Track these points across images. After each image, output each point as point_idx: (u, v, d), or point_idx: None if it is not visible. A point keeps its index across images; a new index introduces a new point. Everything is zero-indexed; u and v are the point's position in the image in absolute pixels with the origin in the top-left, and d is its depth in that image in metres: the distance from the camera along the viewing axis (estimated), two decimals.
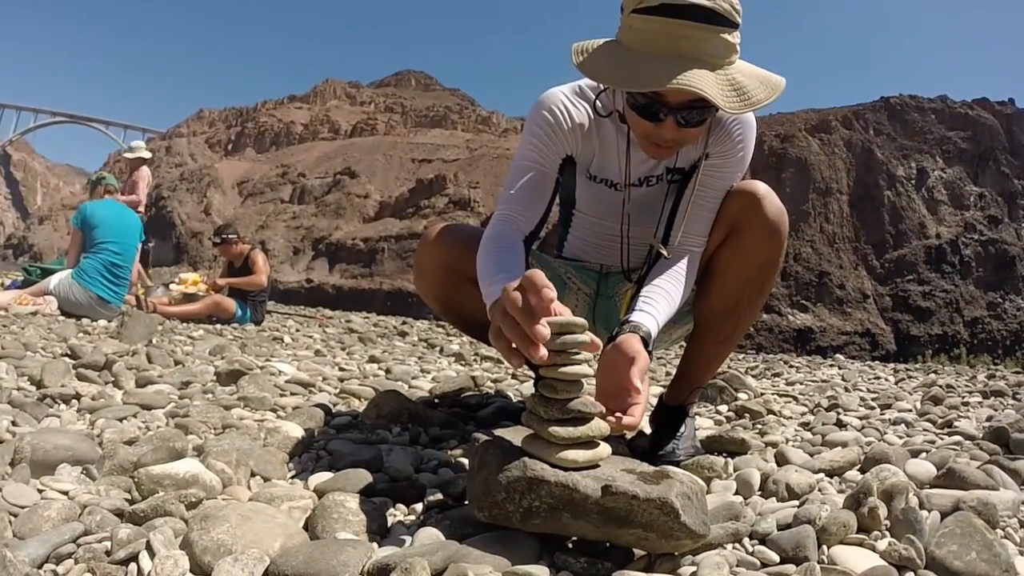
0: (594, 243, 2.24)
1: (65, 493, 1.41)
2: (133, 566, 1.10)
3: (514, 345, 1.27)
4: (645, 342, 1.60)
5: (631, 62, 1.61)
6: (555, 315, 1.25)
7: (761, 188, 1.91)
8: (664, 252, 1.91)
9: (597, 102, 1.96)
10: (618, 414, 1.38)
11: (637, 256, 2.10)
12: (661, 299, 1.79)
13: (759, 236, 1.90)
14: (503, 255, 1.77)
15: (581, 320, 1.26)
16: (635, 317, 1.71)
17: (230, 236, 7.68)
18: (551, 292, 1.24)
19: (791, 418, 2.88)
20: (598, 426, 1.27)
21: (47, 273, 6.25)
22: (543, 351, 1.21)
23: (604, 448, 1.27)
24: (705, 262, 1.99)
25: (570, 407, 1.24)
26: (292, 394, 2.74)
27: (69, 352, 3.23)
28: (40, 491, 1.42)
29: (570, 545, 1.26)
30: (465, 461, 1.83)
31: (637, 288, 1.93)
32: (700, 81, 1.52)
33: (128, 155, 9.70)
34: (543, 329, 1.21)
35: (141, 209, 7.85)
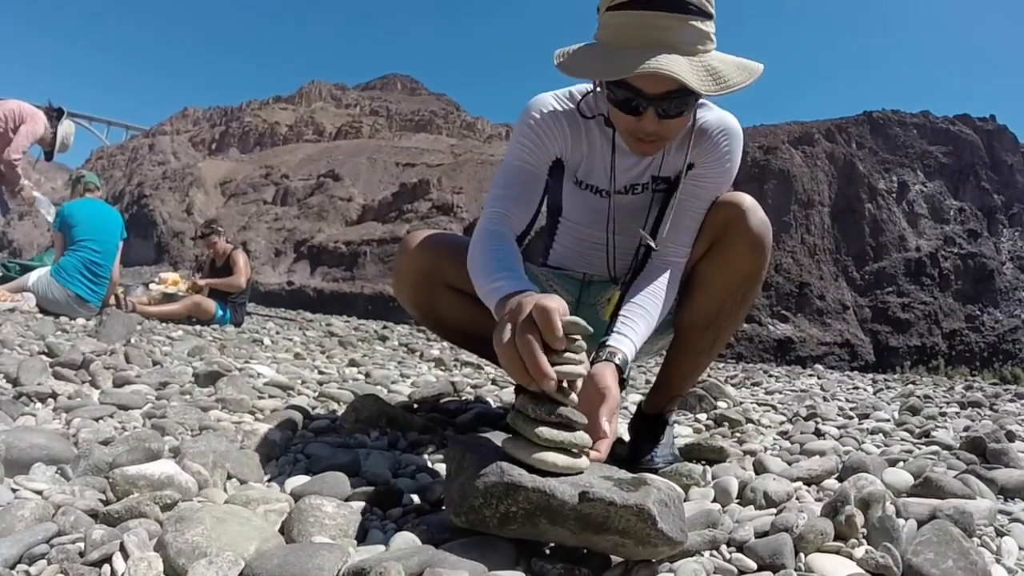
0: (579, 251, 2.25)
1: (39, 493, 1.39)
2: (107, 568, 1.09)
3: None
4: (620, 369, 1.65)
5: (604, 55, 1.65)
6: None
7: (746, 200, 1.91)
8: (652, 244, 1.92)
9: (582, 104, 1.96)
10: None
11: (623, 264, 2.11)
12: (640, 319, 1.81)
13: (742, 249, 1.90)
14: (499, 253, 1.77)
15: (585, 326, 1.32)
16: (612, 341, 1.74)
17: (217, 228, 7.73)
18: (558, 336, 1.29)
19: (770, 427, 2.89)
20: (582, 437, 1.27)
21: (26, 270, 6.19)
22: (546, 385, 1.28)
23: (583, 460, 1.26)
24: (687, 272, 2.00)
25: (559, 412, 1.24)
26: (271, 397, 2.72)
27: (46, 350, 3.20)
28: (14, 490, 1.40)
29: (547, 551, 1.25)
30: (443, 466, 1.82)
31: (621, 295, 1.93)
32: (672, 65, 1.55)
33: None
34: (552, 382, 1.27)
35: (14, 157, 6.45)
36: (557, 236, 2.30)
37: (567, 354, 1.29)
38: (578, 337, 1.31)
